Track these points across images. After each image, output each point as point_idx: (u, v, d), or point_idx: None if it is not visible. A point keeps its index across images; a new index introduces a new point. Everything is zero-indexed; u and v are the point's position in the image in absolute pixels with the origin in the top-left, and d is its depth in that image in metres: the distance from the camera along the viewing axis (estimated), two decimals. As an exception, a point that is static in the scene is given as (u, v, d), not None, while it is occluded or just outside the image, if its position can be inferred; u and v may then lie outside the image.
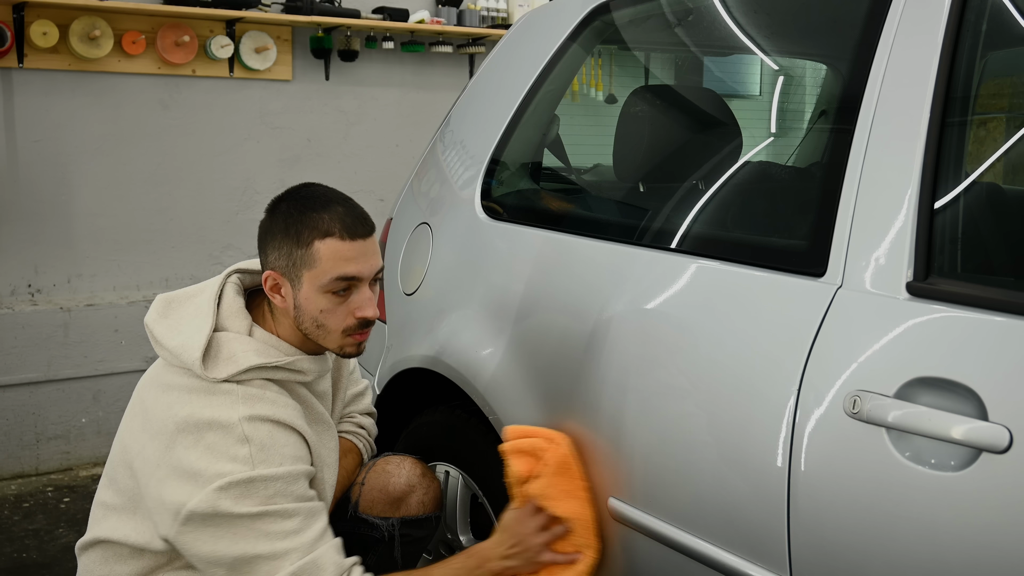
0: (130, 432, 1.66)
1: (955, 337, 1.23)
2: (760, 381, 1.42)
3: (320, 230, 1.60)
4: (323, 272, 1.60)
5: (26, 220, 3.77)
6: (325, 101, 4.33)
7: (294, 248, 1.61)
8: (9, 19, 3.60)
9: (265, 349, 1.63)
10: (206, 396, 1.57)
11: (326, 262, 1.60)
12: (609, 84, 3.38)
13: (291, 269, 1.62)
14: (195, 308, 1.67)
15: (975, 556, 1.15)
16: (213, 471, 1.51)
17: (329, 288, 1.60)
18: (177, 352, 1.60)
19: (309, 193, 1.67)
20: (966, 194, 1.37)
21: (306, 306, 1.62)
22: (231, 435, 1.53)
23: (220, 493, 1.50)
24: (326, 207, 1.63)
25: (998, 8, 1.42)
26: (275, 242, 1.63)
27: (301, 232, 1.61)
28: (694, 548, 1.49)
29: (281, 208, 1.66)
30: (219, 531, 1.51)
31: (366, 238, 1.64)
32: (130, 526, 1.63)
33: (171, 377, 1.62)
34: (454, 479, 2.06)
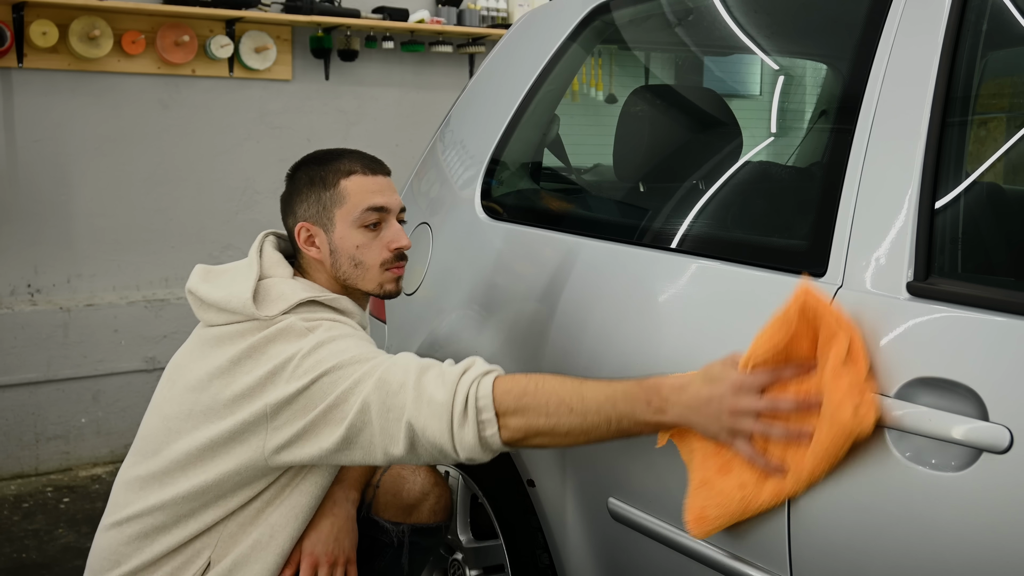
0: (165, 399, 1.67)
1: (955, 337, 1.23)
2: (760, 381, 1.42)
3: (343, 171, 1.69)
4: (354, 206, 1.68)
5: (26, 220, 3.76)
6: (325, 101, 4.33)
7: (322, 192, 1.69)
8: (9, 19, 3.60)
9: (313, 287, 1.68)
10: (262, 331, 1.59)
11: (355, 196, 1.68)
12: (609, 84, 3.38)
13: (322, 213, 1.69)
14: (236, 266, 1.72)
15: (975, 556, 1.15)
16: (285, 357, 1.54)
17: (361, 221, 1.68)
18: (226, 301, 1.62)
19: (322, 152, 1.76)
20: (966, 194, 1.37)
21: (342, 246, 1.68)
22: (293, 332, 1.57)
23: (296, 371, 1.52)
24: (342, 155, 1.73)
25: (998, 8, 1.42)
26: (301, 196, 1.71)
27: (326, 177, 1.69)
28: (694, 548, 1.49)
29: (300, 170, 1.75)
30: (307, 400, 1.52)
31: (386, 175, 1.74)
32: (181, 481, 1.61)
33: (215, 333, 1.63)
34: (454, 479, 2.06)
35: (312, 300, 1.64)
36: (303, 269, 1.74)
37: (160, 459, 1.64)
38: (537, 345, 1.83)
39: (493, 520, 1.94)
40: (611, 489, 1.65)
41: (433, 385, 1.48)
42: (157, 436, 1.66)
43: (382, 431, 1.49)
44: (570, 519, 1.76)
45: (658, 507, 1.56)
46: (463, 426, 1.45)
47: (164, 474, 1.63)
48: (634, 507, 1.60)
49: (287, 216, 1.75)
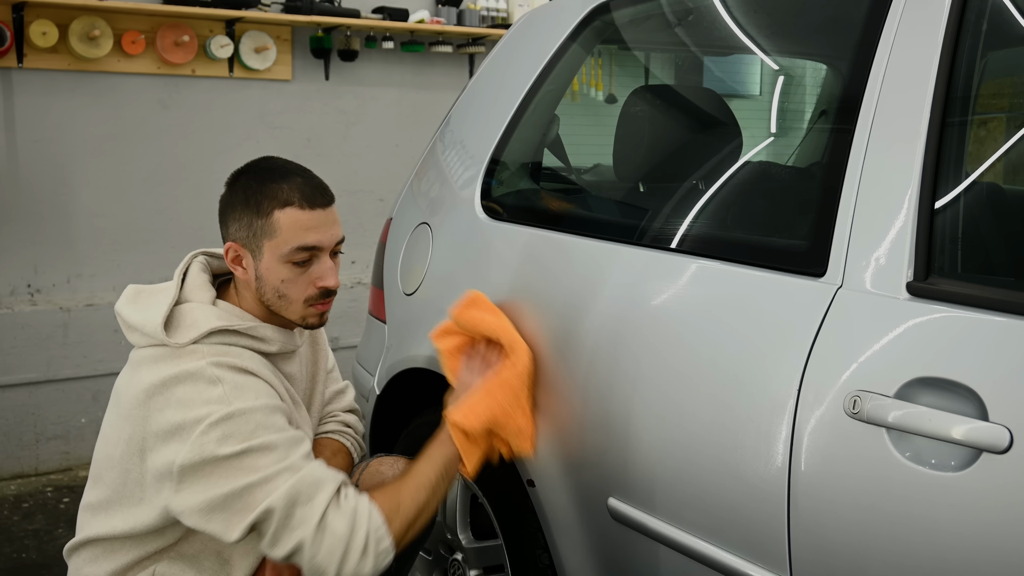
0: (108, 424, 1.67)
1: (955, 337, 1.23)
2: (760, 381, 1.42)
3: (279, 199, 1.62)
4: (283, 242, 1.62)
5: (26, 220, 3.76)
6: (325, 101, 4.33)
7: (254, 218, 1.63)
8: (9, 19, 3.60)
9: (227, 316, 1.65)
10: (172, 360, 1.58)
11: (286, 231, 1.62)
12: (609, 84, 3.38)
13: (251, 240, 1.64)
14: (161, 288, 1.71)
15: (975, 556, 1.15)
16: (192, 418, 1.52)
17: (290, 258, 1.63)
18: (141, 325, 1.62)
19: (268, 165, 1.69)
20: (966, 194, 1.37)
21: (267, 276, 1.64)
22: (201, 380, 1.54)
23: (203, 437, 1.50)
24: (285, 178, 1.65)
25: (998, 8, 1.42)
26: (235, 213, 1.66)
27: (261, 202, 1.62)
28: (694, 548, 1.49)
29: (240, 181, 1.68)
30: (211, 477, 1.51)
31: (326, 207, 1.66)
32: (118, 516, 1.63)
33: (138, 356, 1.64)
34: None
35: (225, 329, 1.61)
36: (235, 287, 1.72)
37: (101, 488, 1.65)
38: (537, 345, 1.83)
39: (493, 520, 1.94)
40: (611, 489, 1.65)
41: (334, 517, 1.53)
42: (100, 464, 1.67)
43: (273, 536, 1.52)
44: (570, 519, 1.76)
45: (658, 507, 1.56)
46: (362, 560, 1.54)
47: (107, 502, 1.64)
48: (634, 507, 1.60)
49: (221, 225, 1.71)
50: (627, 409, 1.62)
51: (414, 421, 2.22)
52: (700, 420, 1.49)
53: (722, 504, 1.45)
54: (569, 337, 1.77)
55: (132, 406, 1.58)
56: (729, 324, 1.51)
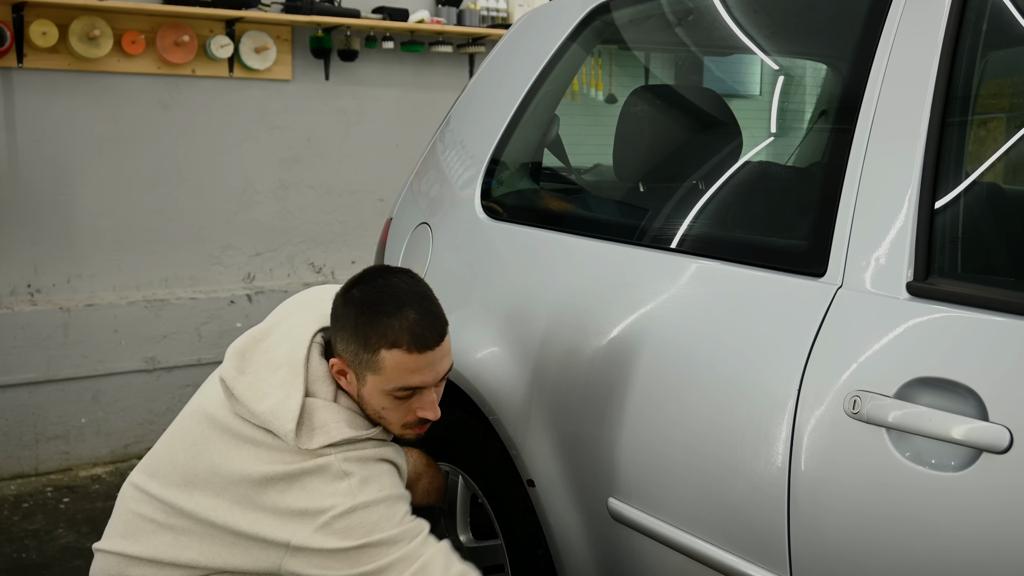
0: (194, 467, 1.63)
1: (955, 337, 1.23)
2: (760, 381, 1.42)
3: (388, 339, 1.57)
4: (387, 380, 1.59)
5: (26, 220, 3.76)
6: (325, 101, 4.33)
7: (361, 350, 1.59)
8: (9, 19, 3.60)
9: (354, 419, 1.63)
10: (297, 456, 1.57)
11: (391, 371, 1.58)
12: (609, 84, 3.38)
13: (356, 365, 1.61)
14: (274, 364, 1.64)
15: (975, 556, 1.15)
16: (315, 508, 1.53)
17: (392, 394, 1.60)
18: (266, 418, 1.57)
19: (384, 289, 1.62)
20: (966, 194, 1.37)
21: (369, 400, 1.63)
22: (328, 473, 1.55)
23: (325, 529, 1.52)
24: (399, 311, 1.58)
25: (998, 8, 1.42)
26: (344, 334, 1.61)
27: (369, 337, 1.58)
28: (694, 548, 1.49)
29: (354, 297, 1.62)
30: (328, 560, 1.53)
31: (436, 347, 1.60)
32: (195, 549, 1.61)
33: (250, 432, 1.60)
34: (454, 479, 2.06)
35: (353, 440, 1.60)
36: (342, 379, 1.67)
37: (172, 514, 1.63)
38: (537, 345, 1.83)
39: (493, 520, 1.94)
40: (611, 489, 1.65)
41: None
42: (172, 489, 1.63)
43: None
44: (570, 519, 1.76)
45: (658, 507, 1.56)
46: None
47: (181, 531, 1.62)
48: (634, 507, 1.60)
49: (332, 328, 1.66)
50: (627, 409, 1.62)
51: (414, 421, 2.22)
52: (700, 420, 1.49)
53: (722, 504, 1.45)
54: (569, 337, 1.77)
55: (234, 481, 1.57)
56: (729, 324, 1.51)
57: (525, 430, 1.82)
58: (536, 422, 1.80)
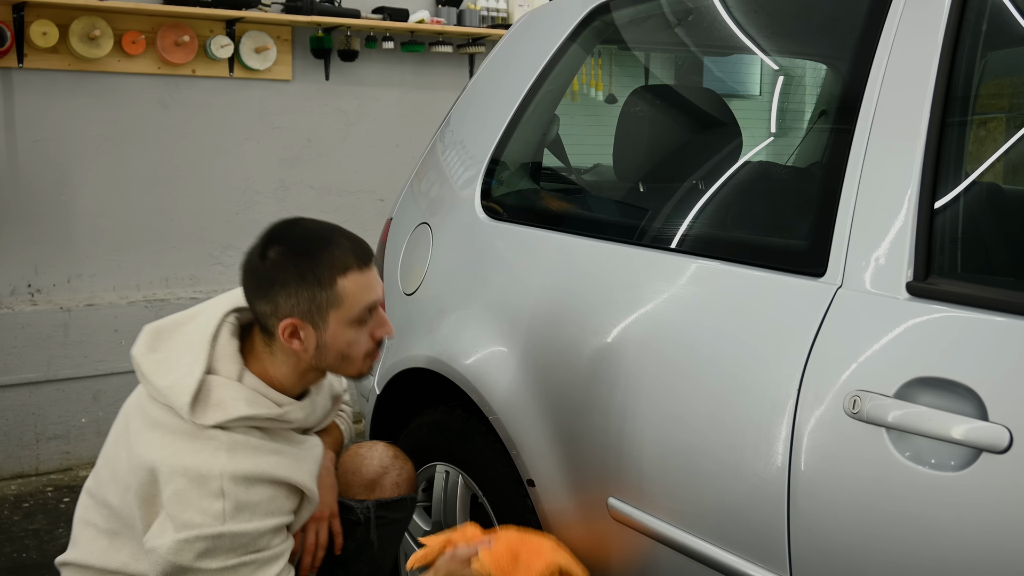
0: (118, 459, 1.65)
1: (955, 337, 1.23)
2: (760, 381, 1.42)
3: (339, 267, 1.58)
4: (351, 306, 1.59)
5: (26, 220, 3.76)
6: (325, 101, 4.33)
7: (316, 291, 1.58)
8: (9, 19, 3.60)
9: (255, 398, 1.60)
10: (189, 440, 1.56)
11: (352, 295, 1.59)
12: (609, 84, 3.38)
13: (315, 312, 1.59)
14: (186, 343, 1.64)
15: (975, 556, 1.15)
16: (183, 520, 1.52)
17: (359, 320, 1.61)
18: (166, 393, 1.58)
19: (304, 233, 1.63)
20: (966, 194, 1.37)
21: (332, 343, 1.61)
22: (207, 487, 1.53)
23: (186, 544, 1.52)
24: (331, 242, 1.60)
25: (998, 8, 1.42)
26: (288, 290, 1.58)
27: (320, 274, 1.57)
28: (694, 548, 1.49)
29: (276, 255, 1.59)
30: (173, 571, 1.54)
31: (373, 258, 1.65)
32: (125, 551, 1.63)
33: (156, 412, 1.60)
34: (454, 479, 2.06)
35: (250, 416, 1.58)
36: (266, 347, 1.65)
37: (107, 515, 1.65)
38: (537, 345, 1.83)
39: (493, 520, 1.94)
40: (611, 489, 1.65)
41: None
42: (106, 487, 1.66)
43: None
44: (570, 519, 1.76)
45: (658, 507, 1.56)
46: None
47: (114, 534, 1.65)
48: (634, 507, 1.60)
49: (260, 299, 1.60)
50: (627, 409, 1.62)
51: (414, 421, 2.22)
52: (700, 420, 1.49)
53: (722, 504, 1.45)
54: (569, 337, 1.77)
55: (139, 466, 1.57)
56: (729, 324, 1.51)
57: (525, 430, 1.83)
58: (536, 422, 1.80)
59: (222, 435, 1.56)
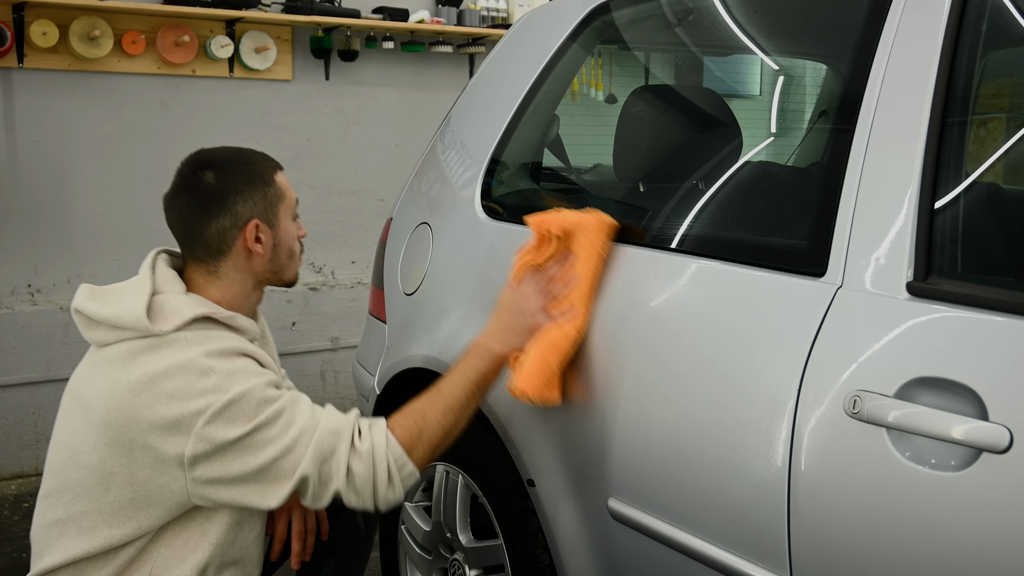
0: (73, 434, 1.62)
1: (955, 337, 1.23)
2: (760, 381, 1.42)
3: (270, 166, 1.72)
4: (291, 199, 1.74)
5: (26, 220, 3.76)
6: (325, 101, 4.33)
7: (266, 189, 1.69)
8: (9, 19, 3.60)
9: (206, 304, 1.65)
10: (155, 351, 1.57)
11: (288, 189, 1.74)
12: (609, 84, 3.38)
13: (269, 209, 1.69)
14: (125, 285, 1.69)
15: (975, 556, 1.15)
16: (191, 411, 1.53)
17: (294, 212, 1.75)
18: (117, 317, 1.59)
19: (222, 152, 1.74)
20: (966, 194, 1.37)
21: (284, 239, 1.73)
22: (192, 371, 1.55)
23: (208, 427, 1.53)
24: (250, 152, 1.75)
25: (998, 8, 1.42)
26: (242, 194, 1.67)
27: (263, 174, 1.70)
28: (694, 548, 1.49)
29: (213, 172, 1.68)
30: (227, 458, 1.55)
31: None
32: (100, 529, 1.60)
33: (107, 355, 1.61)
34: (454, 479, 2.06)
35: (207, 316, 1.62)
36: (200, 286, 1.70)
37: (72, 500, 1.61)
38: (537, 345, 1.83)
39: (493, 520, 1.94)
40: (611, 489, 1.65)
41: (355, 463, 1.60)
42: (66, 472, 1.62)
43: (313, 495, 1.60)
44: (570, 519, 1.76)
45: (658, 507, 1.56)
46: (390, 489, 1.62)
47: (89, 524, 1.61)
48: (634, 507, 1.60)
49: (215, 216, 1.66)
50: (627, 409, 1.62)
51: (414, 421, 2.22)
52: (700, 420, 1.49)
53: (722, 504, 1.45)
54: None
55: (111, 408, 1.56)
56: (729, 324, 1.51)
57: (525, 430, 1.83)
58: (536, 422, 1.80)
59: (185, 334, 1.59)
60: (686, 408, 1.52)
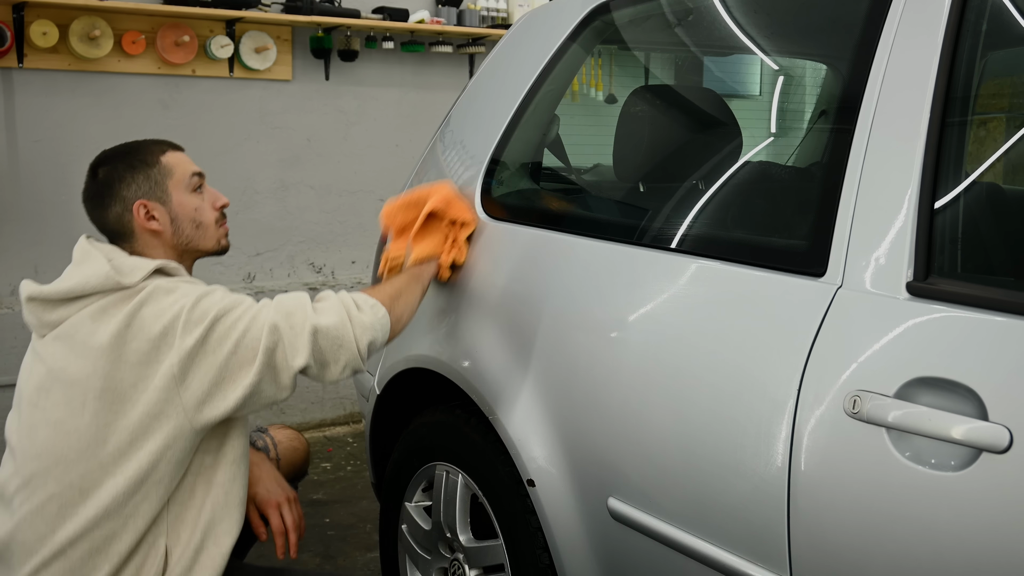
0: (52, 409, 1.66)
1: (955, 337, 1.23)
2: (760, 381, 1.42)
3: (156, 150, 1.85)
4: (182, 174, 1.84)
5: (26, 220, 3.76)
6: (325, 101, 4.33)
7: (148, 170, 1.81)
8: (9, 19, 3.60)
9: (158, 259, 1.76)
10: (127, 300, 1.66)
11: (179, 167, 1.84)
12: (609, 84, 3.38)
13: (155, 188, 1.81)
14: (71, 267, 1.77)
15: (975, 556, 1.15)
16: (168, 320, 1.63)
17: (191, 186, 1.84)
18: (83, 281, 1.67)
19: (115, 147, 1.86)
20: (966, 194, 1.37)
21: (182, 212, 1.82)
22: (158, 293, 1.67)
23: (186, 328, 1.63)
24: (141, 142, 1.87)
25: (998, 8, 1.42)
26: (125, 182, 1.80)
27: (146, 158, 1.82)
28: (694, 548, 1.49)
29: (104, 168, 1.82)
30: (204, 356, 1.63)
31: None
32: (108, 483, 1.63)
33: (69, 326, 1.67)
34: (454, 479, 2.06)
35: (162, 269, 1.74)
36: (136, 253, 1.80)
37: (79, 469, 1.63)
38: (537, 345, 1.83)
39: (493, 520, 1.94)
40: (611, 489, 1.65)
41: (322, 303, 1.75)
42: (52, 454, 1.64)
43: (291, 345, 1.67)
44: (570, 519, 1.76)
45: (658, 507, 1.56)
46: (360, 312, 1.74)
47: (87, 485, 1.63)
48: (634, 507, 1.60)
49: (109, 205, 1.80)
50: (627, 409, 1.62)
51: (414, 421, 2.22)
52: (700, 420, 1.49)
53: (722, 504, 1.45)
54: (569, 337, 1.77)
55: (96, 357, 1.62)
56: (729, 324, 1.51)
57: (525, 430, 1.83)
58: (536, 422, 1.80)
59: (150, 282, 1.69)
60: (686, 408, 1.52)
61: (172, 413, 1.62)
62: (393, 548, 2.31)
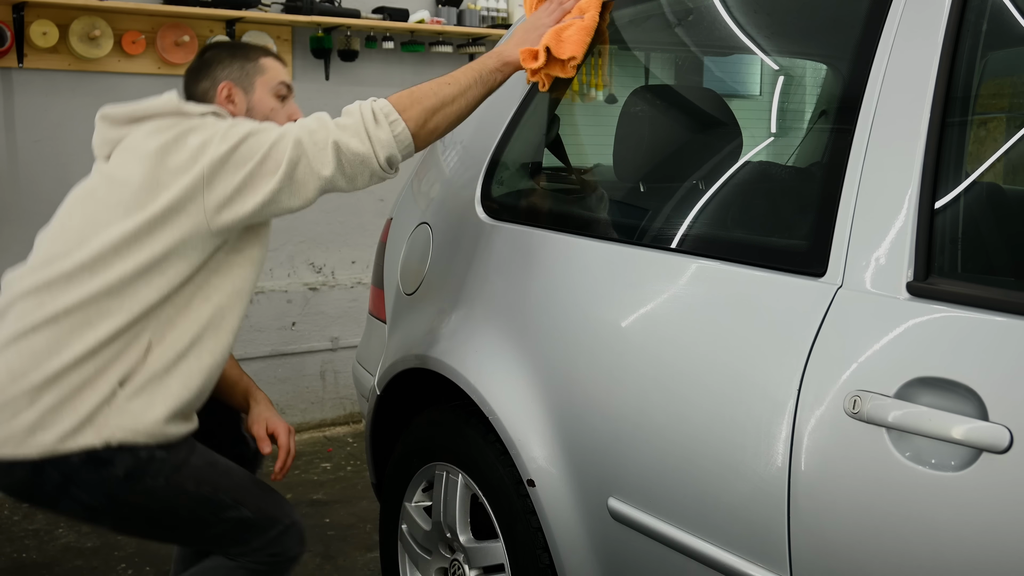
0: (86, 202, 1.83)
1: (955, 337, 1.23)
2: (760, 381, 1.42)
3: (260, 52, 2.02)
4: (272, 78, 1.99)
5: (27, 220, 3.75)
6: (325, 101, 4.31)
7: (244, 62, 1.98)
8: (9, 19, 3.60)
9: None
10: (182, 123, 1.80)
11: (272, 71, 2.00)
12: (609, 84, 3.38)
13: (244, 78, 1.97)
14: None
15: (975, 556, 1.15)
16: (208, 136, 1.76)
17: (276, 91, 1.99)
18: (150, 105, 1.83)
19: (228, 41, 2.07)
20: (966, 194, 1.37)
21: (259, 107, 1.97)
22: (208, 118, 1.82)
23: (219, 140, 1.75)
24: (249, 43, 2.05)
25: (998, 8, 1.42)
26: (222, 64, 1.97)
27: (248, 53, 2.00)
28: (694, 548, 1.49)
29: (215, 49, 2.01)
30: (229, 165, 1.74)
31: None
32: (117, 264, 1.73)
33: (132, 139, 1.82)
34: (454, 479, 2.06)
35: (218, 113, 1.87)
36: None
37: (88, 249, 1.74)
38: (537, 345, 1.83)
39: (493, 520, 1.94)
40: (611, 489, 1.65)
41: (343, 118, 1.85)
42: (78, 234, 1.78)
43: (315, 158, 1.78)
44: (570, 519, 1.76)
45: (658, 507, 1.56)
46: (377, 127, 1.80)
47: (97, 261, 1.74)
48: (634, 507, 1.60)
49: (201, 80, 1.97)
50: (627, 409, 1.62)
51: (414, 421, 2.22)
52: (700, 420, 1.50)
53: (722, 504, 1.45)
54: (569, 337, 1.77)
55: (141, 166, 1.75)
56: (729, 324, 1.51)
57: (525, 430, 1.83)
58: (536, 422, 1.80)
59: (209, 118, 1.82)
60: (686, 408, 1.52)
61: (193, 211, 1.74)
62: (393, 548, 2.31)
